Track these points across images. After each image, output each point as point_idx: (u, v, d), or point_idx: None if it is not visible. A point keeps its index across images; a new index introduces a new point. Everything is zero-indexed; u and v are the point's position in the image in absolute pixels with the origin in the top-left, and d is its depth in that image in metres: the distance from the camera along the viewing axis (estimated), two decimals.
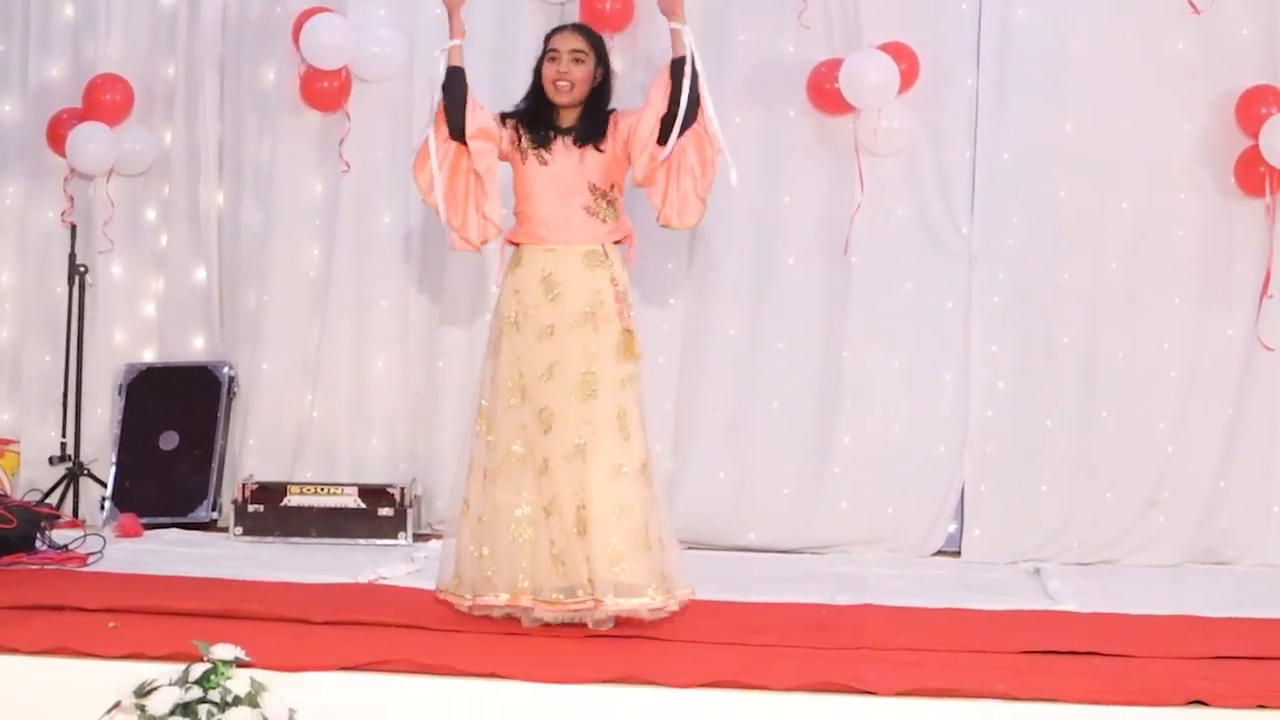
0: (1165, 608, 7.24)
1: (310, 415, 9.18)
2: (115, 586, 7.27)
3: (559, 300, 6.61)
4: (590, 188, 6.67)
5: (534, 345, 6.61)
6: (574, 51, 6.75)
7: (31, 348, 9.52)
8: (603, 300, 6.62)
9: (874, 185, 8.63)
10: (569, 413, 6.52)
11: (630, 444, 6.58)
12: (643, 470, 6.61)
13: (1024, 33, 8.59)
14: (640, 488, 6.58)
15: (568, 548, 6.47)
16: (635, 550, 6.49)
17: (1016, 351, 8.63)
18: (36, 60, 9.48)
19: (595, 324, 6.60)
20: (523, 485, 6.58)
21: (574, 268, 6.63)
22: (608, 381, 6.57)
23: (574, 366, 6.56)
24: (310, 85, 9.01)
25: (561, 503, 6.49)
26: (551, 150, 6.70)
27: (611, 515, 6.47)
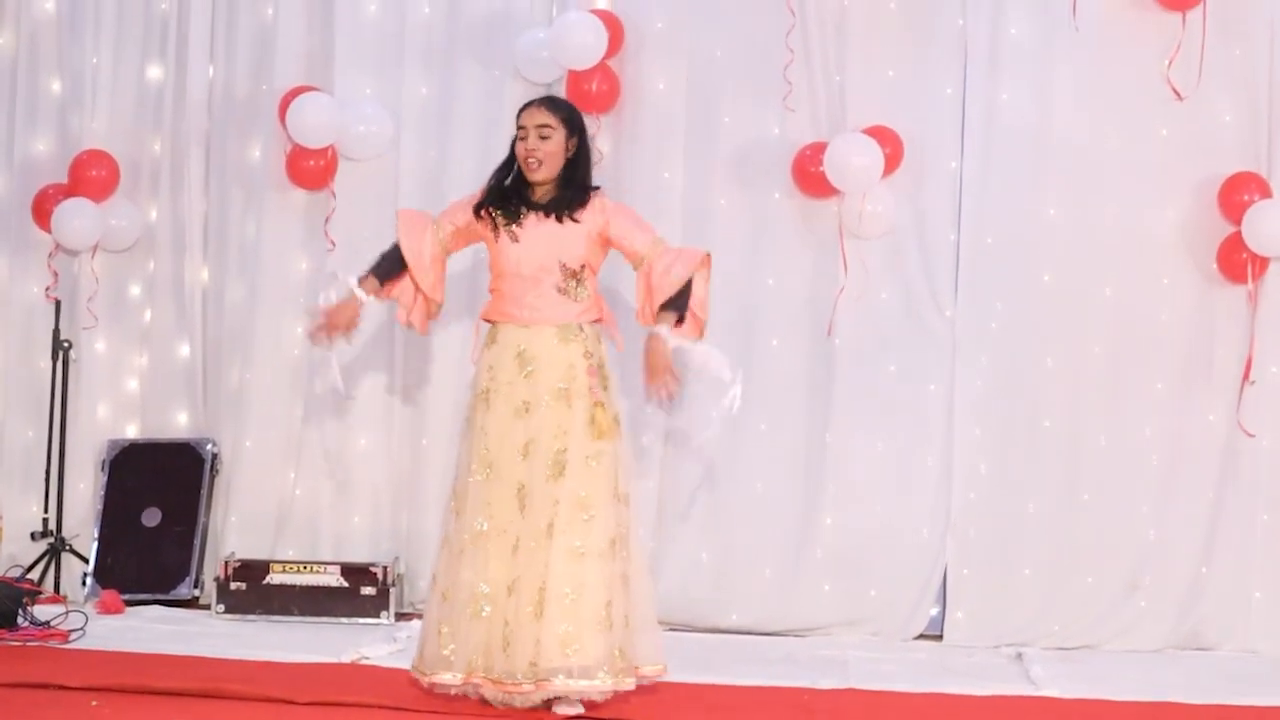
0: (1147, 694, 7.26)
1: (293, 493, 9.17)
2: (98, 664, 7.28)
3: (533, 376, 6.63)
4: (561, 267, 6.69)
5: (509, 422, 6.61)
6: (540, 127, 6.74)
7: (14, 422, 9.51)
8: (576, 375, 6.64)
9: (858, 268, 8.65)
10: (541, 492, 6.52)
11: (591, 524, 6.53)
12: (609, 549, 6.55)
13: (1008, 117, 8.62)
14: (601, 567, 6.52)
15: (519, 629, 6.44)
16: (589, 633, 6.44)
17: (999, 435, 8.64)
18: (23, 135, 9.51)
19: (569, 400, 6.62)
20: (487, 562, 6.56)
21: (548, 343, 6.66)
22: (575, 460, 6.56)
23: (548, 444, 6.56)
24: (296, 163, 9.03)
25: (524, 583, 6.48)
26: (523, 225, 6.72)
27: (566, 598, 6.44)
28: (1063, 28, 8.53)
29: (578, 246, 6.71)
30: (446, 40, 9.10)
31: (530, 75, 8.87)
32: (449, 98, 9.02)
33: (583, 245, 6.72)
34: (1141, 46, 8.55)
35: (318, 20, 9.21)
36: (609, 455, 6.65)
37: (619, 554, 6.62)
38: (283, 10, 9.19)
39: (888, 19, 8.71)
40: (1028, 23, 8.61)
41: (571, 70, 8.70)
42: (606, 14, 8.75)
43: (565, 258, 6.70)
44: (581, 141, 6.85)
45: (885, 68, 8.72)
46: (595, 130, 8.70)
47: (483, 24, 9.04)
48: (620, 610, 6.55)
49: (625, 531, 6.68)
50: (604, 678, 6.46)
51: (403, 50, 9.12)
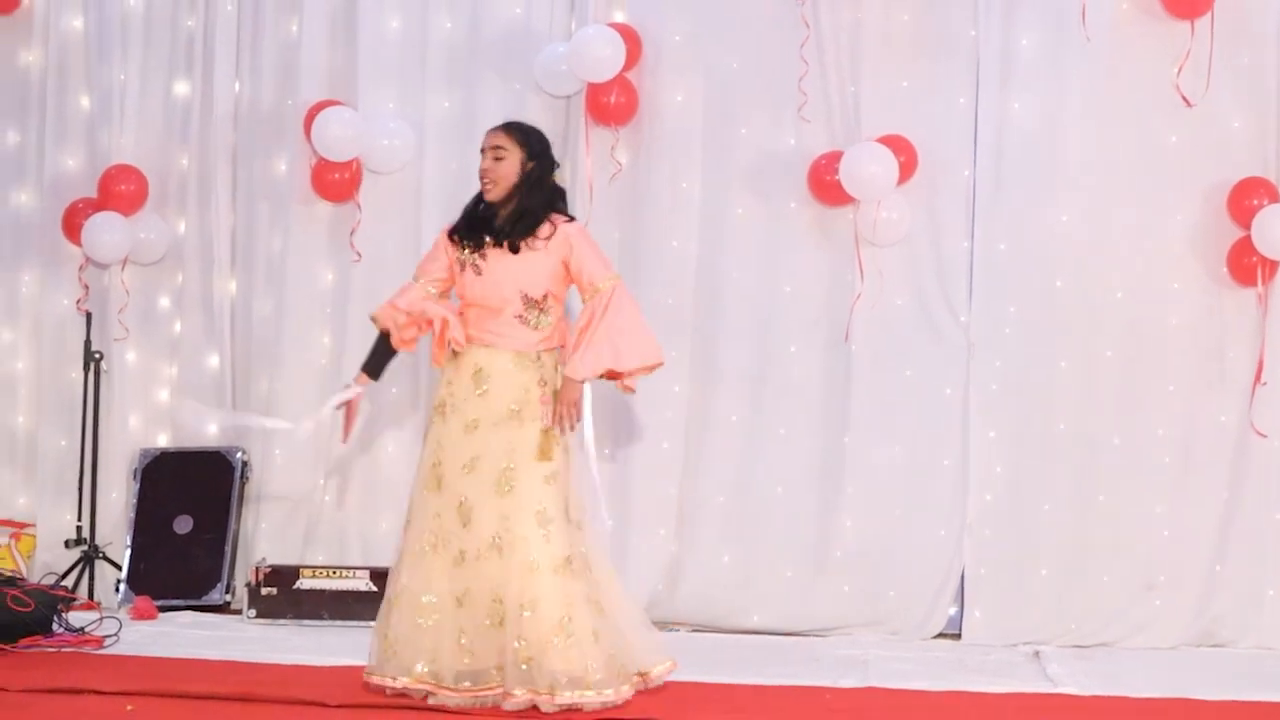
0: (1163, 691, 7.29)
1: (322, 499, 9.27)
2: (132, 669, 7.35)
3: (487, 396, 6.73)
4: (523, 297, 6.76)
5: (459, 438, 6.71)
6: (495, 149, 6.85)
7: (47, 433, 9.60)
8: (529, 399, 6.72)
9: (874, 275, 8.72)
10: (485, 507, 6.61)
11: (550, 540, 6.61)
12: (564, 565, 6.62)
13: (1020, 126, 8.69)
14: (558, 583, 6.59)
15: (479, 638, 6.55)
16: (543, 649, 6.50)
17: (1014, 437, 8.68)
18: (53, 151, 9.62)
19: (521, 421, 6.70)
20: (431, 573, 6.65)
21: (504, 365, 6.75)
22: (528, 477, 6.64)
23: (494, 462, 6.65)
24: (321, 176, 9.14)
25: (475, 595, 6.56)
26: (485, 258, 6.79)
27: (525, 610, 6.52)
28: (1073, 38, 8.59)
29: (539, 277, 6.78)
30: (467, 55, 9.20)
31: (550, 88, 8.98)
32: (470, 111, 9.09)
33: (545, 275, 6.78)
34: (1151, 55, 8.61)
35: (341, 36, 9.31)
36: (563, 476, 6.74)
37: (579, 574, 6.68)
38: (307, 27, 9.30)
39: (901, 31, 8.79)
40: (1038, 33, 8.68)
41: (590, 83, 8.79)
42: (625, 28, 8.85)
43: (526, 287, 6.77)
44: (541, 167, 6.88)
45: (899, 78, 8.79)
46: (615, 142, 8.84)
47: (503, 39, 9.15)
48: (586, 626, 6.60)
49: (584, 552, 6.75)
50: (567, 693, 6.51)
51: (425, 65, 9.22)
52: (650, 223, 8.91)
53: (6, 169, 9.78)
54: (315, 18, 9.32)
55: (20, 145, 9.79)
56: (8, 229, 9.77)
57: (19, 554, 9.43)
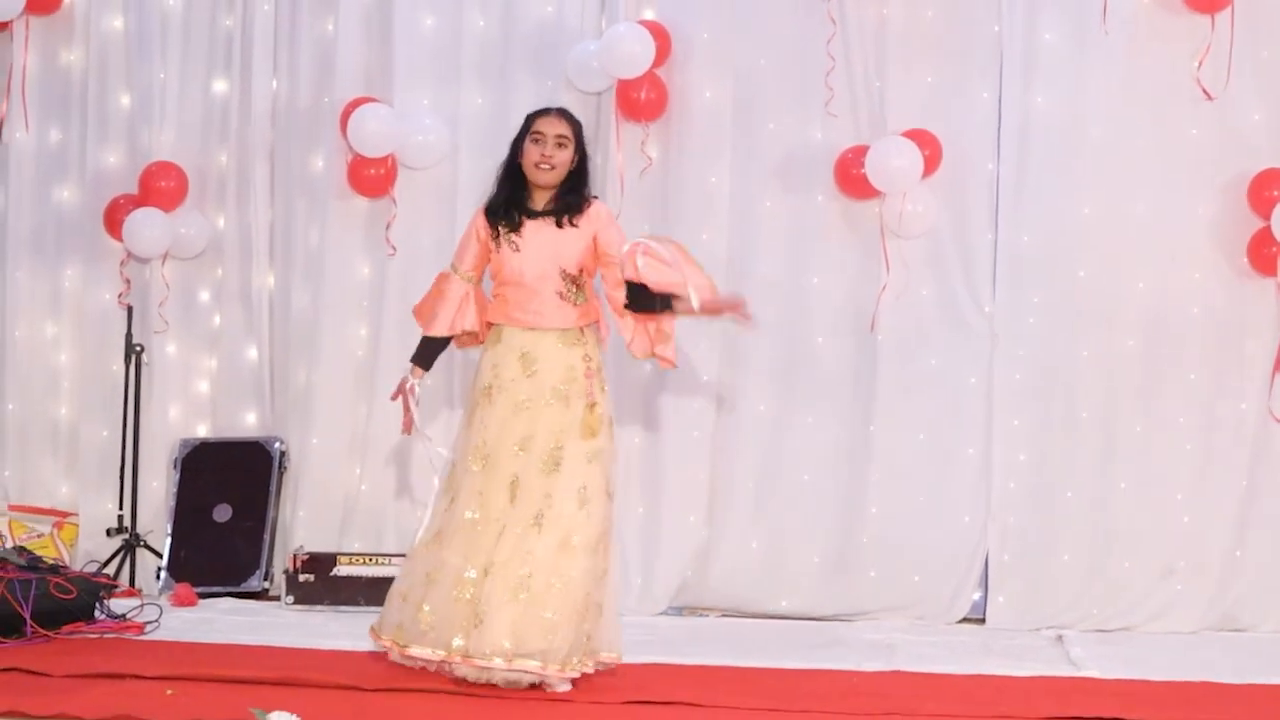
0: (1185, 674, 7.35)
1: (359, 488, 9.33)
2: (172, 655, 7.41)
3: (536, 376, 6.86)
4: (562, 274, 6.92)
5: (508, 418, 6.84)
6: (559, 137, 7.00)
7: (89, 424, 9.68)
8: (575, 377, 6.87)
9: (899, 266, 8.78)
10: (533, 485, 6.74)
11: (589, 519, 6.76)
12: (597, 543, 6.78)
13: (1043, 120, 8.73)
14: (587, 560, 6.74)
15: (494, 610, 6.64)
16: (568, 622, 6.65)
17: (1037, 425, 8.73)
18: (94, 148, 9.68)
19: (567, 400, 6.84)
20: (473, 549, 6.76)
21: (551, 345, 6.89)
22: (573, 456, 6.77)
23: (544, 441, 6.78)
24: (357, 172, 9.21)
25: (503, 565, 6.67)
26: (522, 234, 6.94)
27: (555, 586, 6.65)
28: (1094, 32, 8.64)
29: (575, 252, 6.95)
30: (501, 52, 9.27)
31: (581, 85, 9.05)
32: (503, 107, 9.15)
33: (580, 251, 6.95)
34: (1171, 48, 8.65)
35: (376, 34, 9.39)
36: (607, 454, 6.89)
37: (604, 549, 6.85)
38: (343, 25, 9.37)
39: (925, 26, 8.84)
40: (1061, 28, 8.72)
41: (621, 80, 8.86)
42: (655, 25, 8.92)
43: (564, 264, 6.94)
44: (584, 156, 7.10)
45: (924, 73, 8.85)
46: (644, 138, 8.94)
47: (535, 36, 9.22)
48: (595, 600, 6.78)
49: (609, 527, 6.90)
50: (578, 662, 6.71)
51: (459, 62, 9.29)
52: (680, 216, 8.97)
53: (49, 166, 9.85)
54: (351, 16, 9.39)
55: (62, 143, 9.85)
56: (50, 225, 9.84)
57: (62, 542, 9.50)
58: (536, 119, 7.09)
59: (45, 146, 9.87)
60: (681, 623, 8.71)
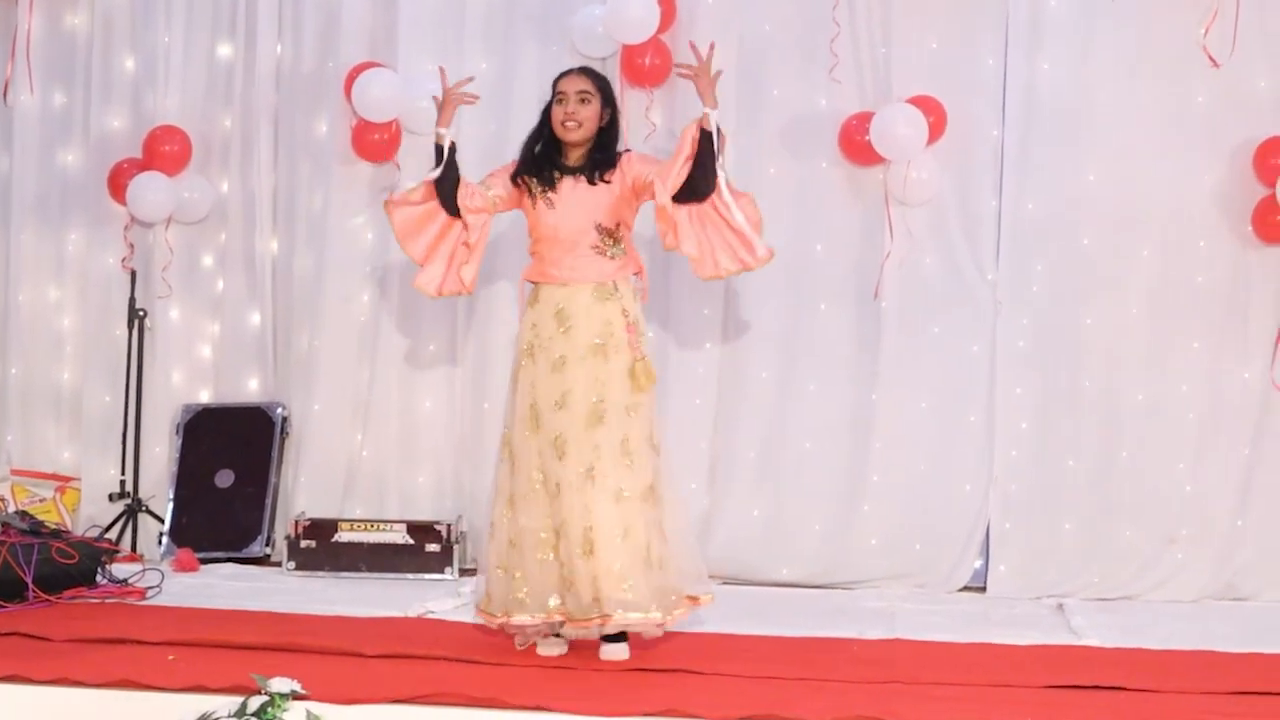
0: (1186, 643, 7.32)
1: (360, 454, 9.35)
2: (174, 620, 7.42)
3: (570, 332, 6.81)
4: (597, 228, 6.88)
5: (547, 376, 6.80)
6: (580, 93, 6.95)
7: (92, 388, 9.71)
8: (613, 331, 6.82)
9: (903, 234, 8.78)
10: (580, 439, 6.70)
11: (634, 469, 6.73)
12: (649, 493, 6.77)
13: (1048, 87, 8.71)
14: (643, 510, 6.73)
15: (574, 569, 6.65)
16: (636, 570, 6.66)
17: (1040, 394, 8.73)
18: (98, 112, 9.71)
19: (605, 354, 6.79)
20: (543, 511, 6.77)
21: (584, 301, 6.84)
22: (615, 408, 6.75)
23: (584, 395, 6.74)
24: (361, 137, 9.21)
25: (569, 525, 6.66)
26: (558, 191, 6.91)
27: (616, 537, 6.65)
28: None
29: (609, 204, 6.90)
30: (505, 17, 9.27)
31: (586, 50, 9.02)
32: (508, 73, 9.17)
33: (614, 202, 6.91)
34: (1177, 15, 8.61)
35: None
36: (646, 406, 6.86)
37: (659, 500, 6.84)
38: None
39: None
40: None
41: (625, 45, 8.85)
42: None
43: (600, 218, 6.90)
44: (614, 113, 7.06)
45: (928, 39, 8.83)
46: (649, 103, 8.92)
47: (540, 1, 9.21)
48: (658, 553, 6.77)
49: (659, 479, 6.88)
50: (655, 612, 6.70)
51: (463, 27, 9.29)
52: None
53: (53, 130, 9.87)
54: None
55: (66, 106, 9.87)
56: (55, 189, 9.86)
57: (64, 507, 9.53)
58: (559, 80, 7.06)
59: (49, 110, 9.89)
60: None
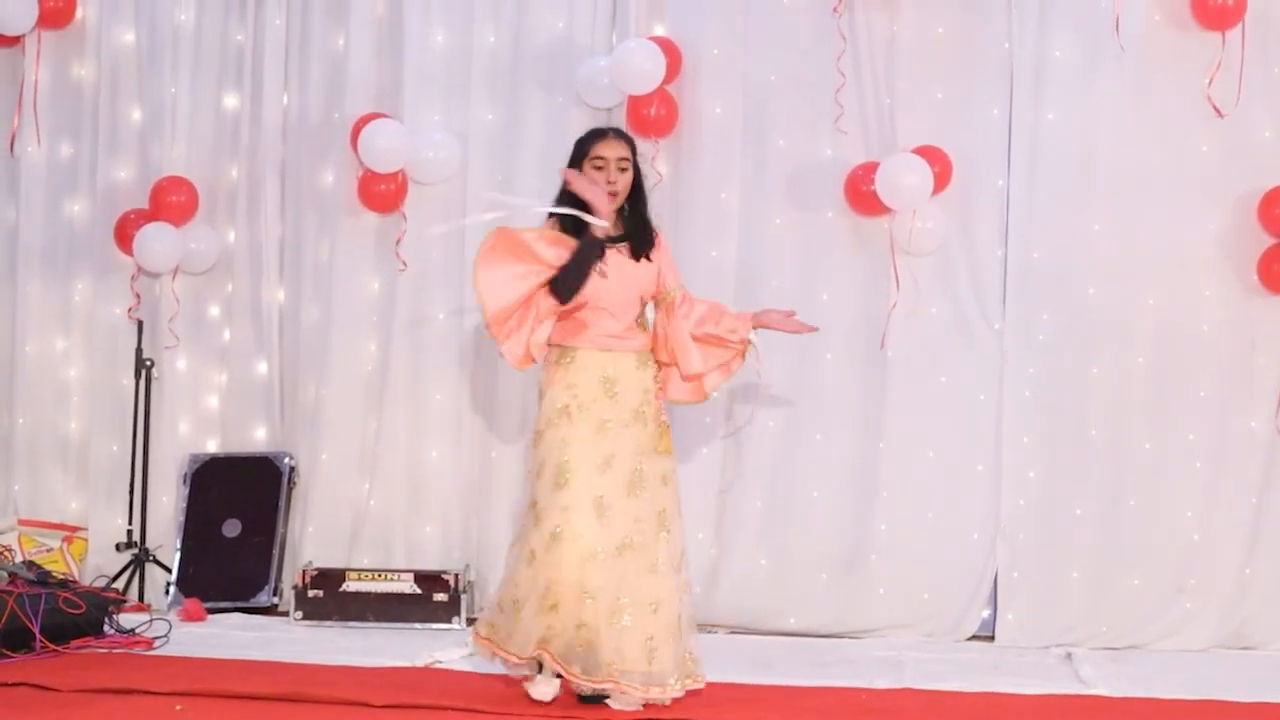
0: (1195, 692, 7.30)
1: (368, 504, 9.35)
2: (181, 670, 7.39)
3: (618, 398, 6.78)
4: (640, 300, 6.89)
5: (590, 437, 6.73)
6: (620, 160, 6.85)
7: (99, 438, 9.71)
8: (649, 398, 6.83)
9: (909, 283, 8.79)
10: (619, 506, 6.67)
11: (669, 540, 6.73)
12: (679, 565, 6.77)
13: (1053, 136, 8.73)
14: (674, 582, 6.72)
15: (599, 632, 6.57)
16: (667, 643, 6.63)
17: (1047, 442, 8.72)
18: (105, 163, 9.74)
19: (644, 421, 6.79)
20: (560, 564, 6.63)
21: (630, 367, 6.83)
22: (652, 478, 6.75)
23: (627, 461, 6.72)
24: (368, 187, 9.24)
25: (601, 590, 6.59)
26: (607, 261, 6.78)
27: (649, 610, 6.62)
28: (1105, 48, 8.64)
29: (649, 281, 6.90)
30: (511, 68, 9.31)
31: (591, 101, 9.07)
32: (514, 123, 9.22)
33: (653, 279, 6.90)
34: (1182, 65, 8.65)
35: (387, 50, 9.43)
36: (674, 476, 6.87)
37: (685, 566, 6.85)
38: (353, 41, 9.41)
39: (935, 43, 8.85)
40: (1071, 44, 8.72)
41: (631, 96, 8.88)
42: (665, 41, 8.94)
43: (643, 292, 6.90)
44: (639, 174, 6.98)
45: (934, 90, 8.86)
46: (654, 153, 8.94)
47: (545, 52, 9.25)
48: (687, 617, 6.77)
49: (684, 546, 6.89)
50: (675, 683, 6.67)
51: (469, 78, 9.33)
52: (690, 232, 8.97)
53: (60, 180, 9.91)
54: (362, 32, 9.43)
55: (74, 157, 9.91)
56: (62, 239, 9.90)
57: (71, 557, 9.53)
58: (595, 143, 6.91)
59: (56, 161, 9.93)
60: None
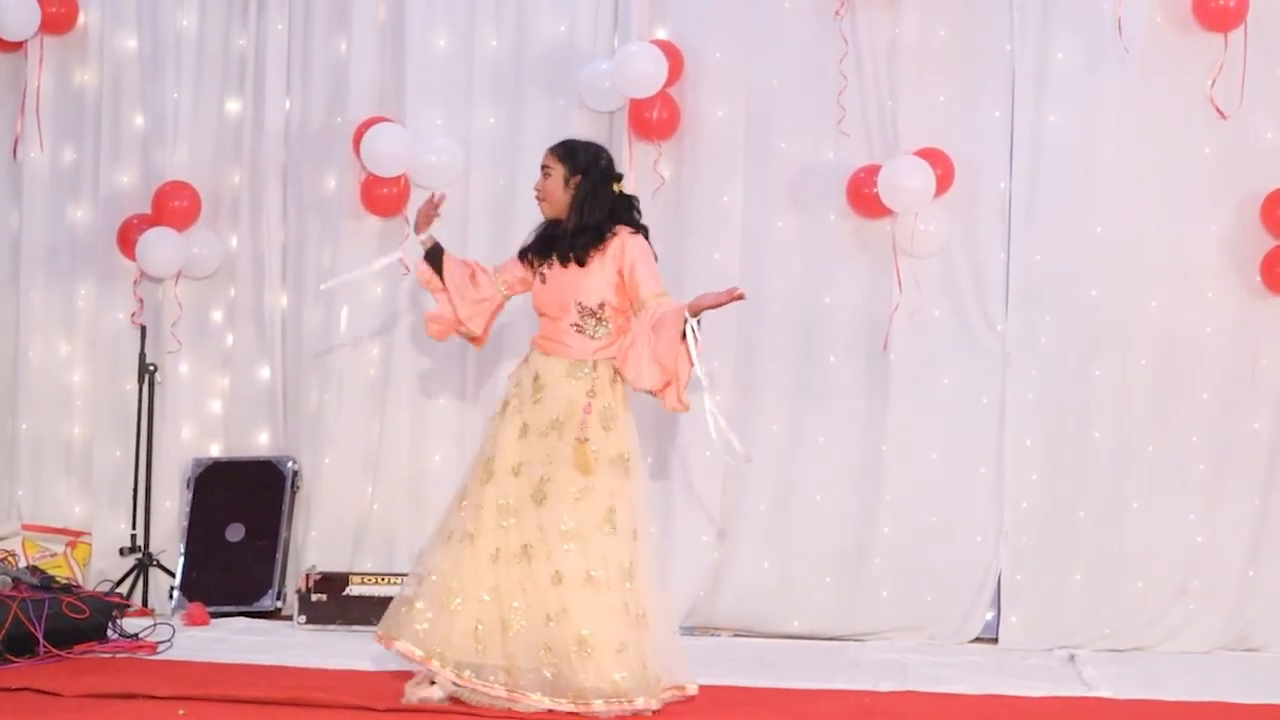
0: (1198, 694, 7.31)
1: (371, 508, 9.37)
2: (185, 675, 7.39)
3: (540, 404, 6.80)
4: (578, 307, 6.84)
5: (512, 440, 6.80)
6: (544, 167, 6.94)
7: (103, 443, 9.72)
8: (574, 411, 6.76)
9: (911, 286, 8.80)
10: (524, 514, 6.69)
11: (574, 555, 6.64)
12: (588, 580, 6.64)
13: (1055, 138, 8.74)
14: (585, 597, 6.62)
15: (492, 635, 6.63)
16: (562, 656, 6.56)
17: (1050, 445, 8.73)
18: (108, 168, 9.74)
19: (561, 433, 6.74)
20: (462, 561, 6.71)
21: (558, 374, 6.83)
22: (560, 491, 6.68)
23: (535, 470, 6.72)
24: (370, 192, 9.25)
25: (502, 594, 6.64)
26: (551, 267, 6.90)
27: (550, 621, 6.59)
28: (1107, 51, 8.66)
29: (596, 287, 6.85)
30: (513, 72, 9.32)
31: (594, 104, 9.09)
32: (516, 127, 9.22)
33: (602, 286, 6.85)
34: (1184, 67, 8.66)
35: (389, 54, 9.44)
36: (602, 492, 6.73)
37: (611, 585, 6.68)
38: (356, 45, 9.42)
39: (937, 45, 8.87)
40: (1073, 46, 8.73)
41: (633, 99, 8.89)
42: (667, 44, 8.95)
43: (581, 298, 6.85)
44: (592, 180, 6.93)
45: (936, 92, 8.87)
46: (657, 157, 8.96)
47: (548, 56, 9.25)
48: (611, 639, 6.62)
49: (626, 563, 6.74)
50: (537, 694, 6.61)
51: (471, 82, 9.34)
52: (692, 236, 9.00)
53: (63, 185, 9.91)
54: (364, 36, 9.44)
55: (76, 162, 9.92)
56: (64, 244, 9.90)
57: (75, 562, 9.53)
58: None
59: (59, 166, 9.93)
60: (693, 643, 8.64)
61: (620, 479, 6.81)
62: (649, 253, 6.95)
